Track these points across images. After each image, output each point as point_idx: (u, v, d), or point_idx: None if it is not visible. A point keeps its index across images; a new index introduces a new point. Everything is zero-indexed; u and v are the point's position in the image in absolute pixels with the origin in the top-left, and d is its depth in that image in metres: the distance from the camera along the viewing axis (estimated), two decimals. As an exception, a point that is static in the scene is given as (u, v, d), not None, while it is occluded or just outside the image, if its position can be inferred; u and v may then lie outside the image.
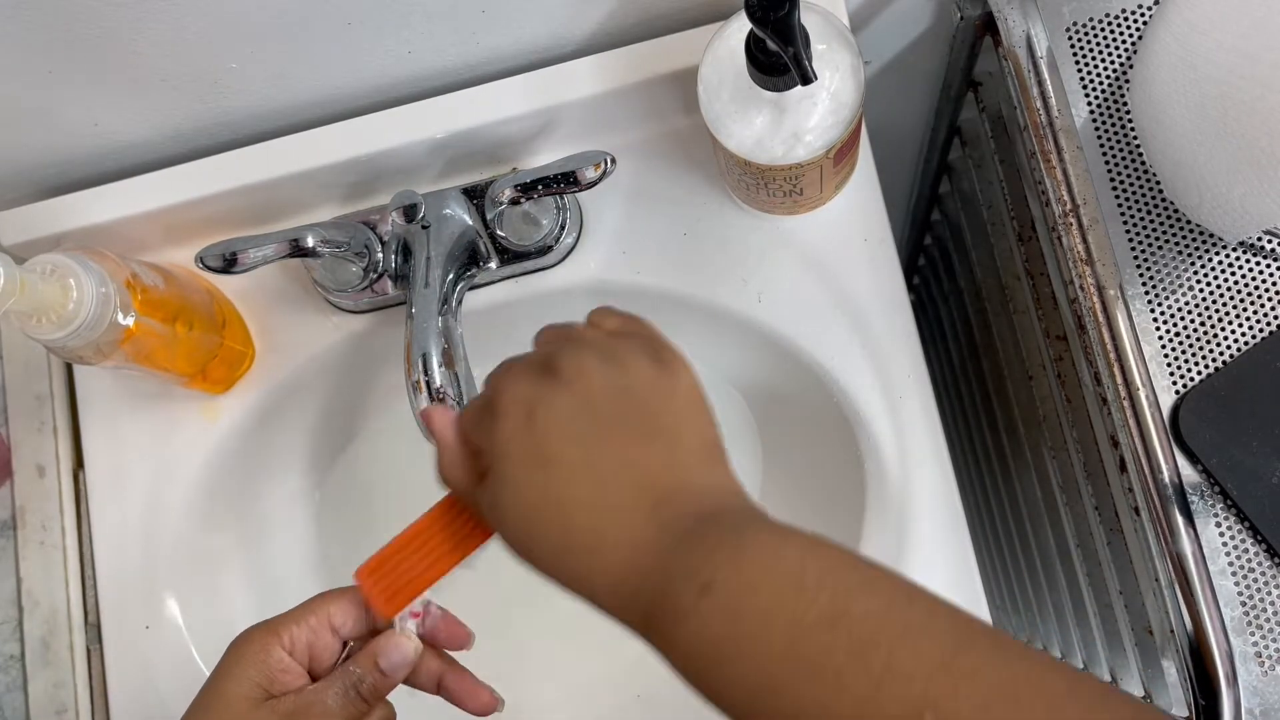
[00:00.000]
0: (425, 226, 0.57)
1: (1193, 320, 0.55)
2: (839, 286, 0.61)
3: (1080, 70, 0.58)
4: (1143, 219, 0.56)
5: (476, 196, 0.59)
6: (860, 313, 0.60)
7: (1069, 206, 0.54)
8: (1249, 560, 0.53)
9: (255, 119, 0.59)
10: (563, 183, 0.53)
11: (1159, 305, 0.55)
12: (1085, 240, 0.53)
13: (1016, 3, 0.56)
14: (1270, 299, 0.55)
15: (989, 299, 0.78)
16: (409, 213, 0.55)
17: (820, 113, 0.51)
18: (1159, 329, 0.55)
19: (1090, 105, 0.57)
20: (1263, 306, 0.55)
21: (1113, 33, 0.58)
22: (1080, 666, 0.74)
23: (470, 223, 0.58)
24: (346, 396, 0.68)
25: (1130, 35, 0.58)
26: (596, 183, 0.53)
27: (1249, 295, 0.55)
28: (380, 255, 0.59)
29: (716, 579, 0.33)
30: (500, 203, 0.55)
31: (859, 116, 0.52)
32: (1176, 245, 0.56)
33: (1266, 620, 0.52)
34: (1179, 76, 0.50)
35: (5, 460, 0.64)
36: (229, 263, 0.54)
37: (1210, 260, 0.56)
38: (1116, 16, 0.58)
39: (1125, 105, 0.57)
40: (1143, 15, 0.58)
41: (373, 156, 0.59)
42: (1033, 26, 0.55)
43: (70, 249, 0.51)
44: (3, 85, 0.52)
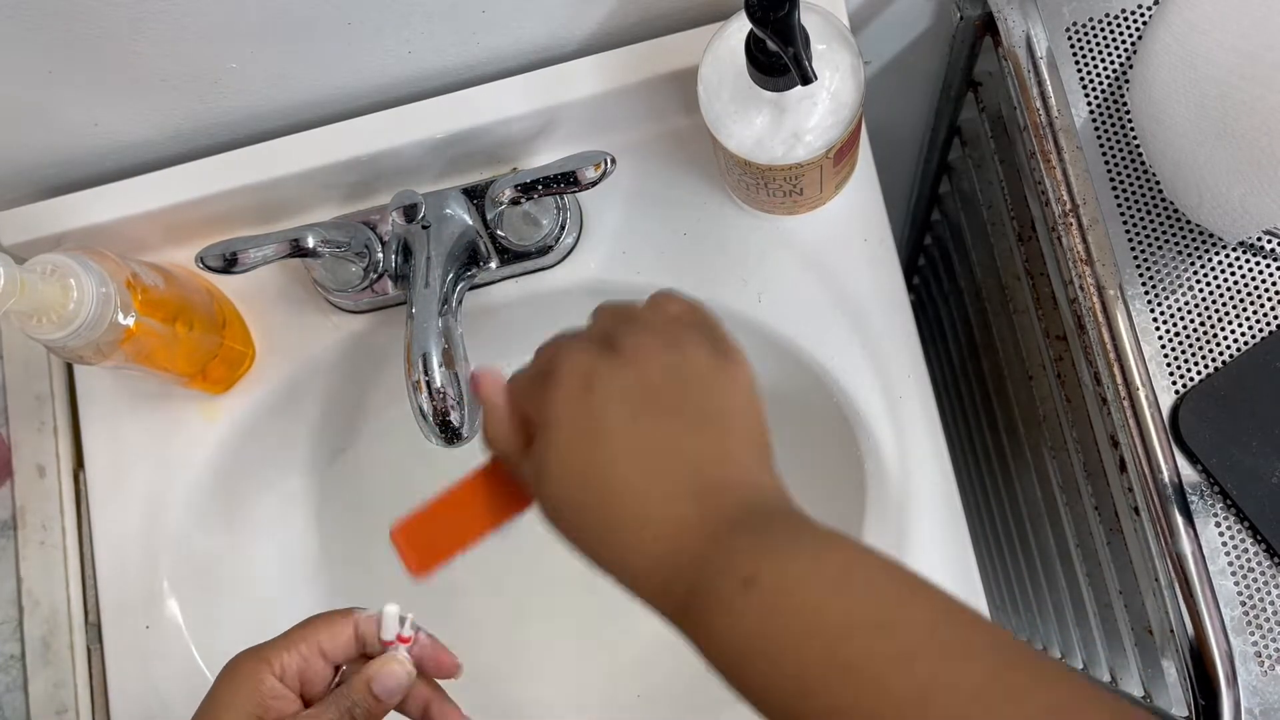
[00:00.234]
0: (425, 226, 0.57)
1: (1192, 320, 0.55)
2: (839, 286, 0.61)
3: (1080, 70, 0.58)
4: (1143, 219, 0.56)
5: (476, 196, 0.59)
6: (860, 313, 0.60)
7: (1069, 206, 0.54)
8: (1249, 560, 0.53)
9: (255, 119, 0.59)
10: (563, 183, 0.53)
11: (1159, 305, 0.55)
12: (1085, 240, 0.53)
13: (1016, 3, 0.56)
14: (1270, 299, 0.55)
15: (989, 299, 0.78)
16: (409, 213, 0.55)
17: (820, 113, 0.51)
18: (1159, 329, 0.55)
19: (1090, 105, 0.57)
20: (1263, 306, 0.55)
21: (1113, 33, 0.58)
22: (1080, 666, 0.74)
23: (470, 223, 0.58)
24: (347, 396, 0.68)
25: (1130, 35, 0.58)
26: (597, 183, 0.53)
27: (1249, 295, 0.55)
28: (380, 255, 0.59)
29: (761, 573, 0.33)
30: (500, 203, 0.55)
31: (859, 116, 0.52)
32: (1176, 245, 0.56)
33: (1266, 620, 0.52)
34: (1179, 76, 0.50)
35: (5, 460, 0.64)
36: (229, 263, 0.54)
37: (1210, 260, 0.56)
38: (1116, 16, 0.58)
39: (1125, 105, 0.57)
40: (1143, 15, 0.58)
41: (373, 156, 0.59)
42: (1033, 26, 0.55)
43: (70, 249, 0.51)
44: (3, 85, 0.52)
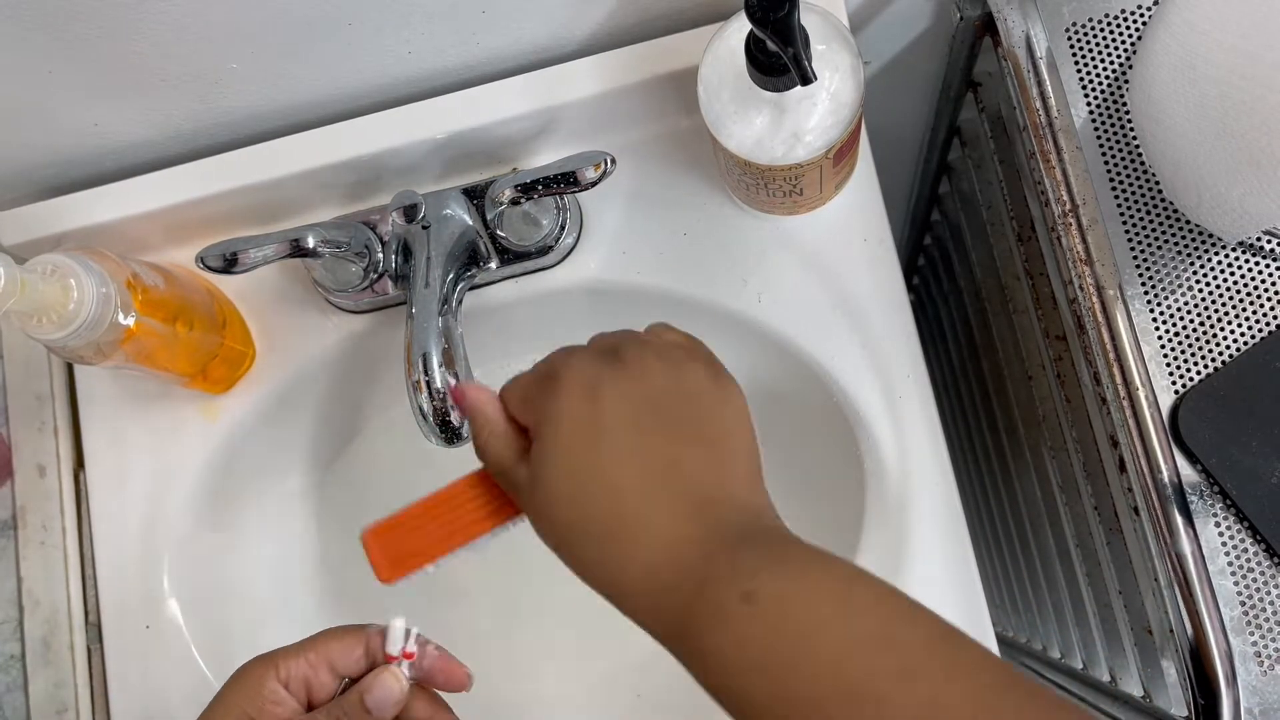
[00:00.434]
0: (425, 226, 0.57)
1: (1192, 320, 0.55)
2: (839, 286, 0.61)
3: (1080, 70, 0.58)
4: (1142, 219, 0.56)
5: (476, 196, 0.59)
6: (860, 313, 0.60)
7: (1068, 206, 0.54)
8: (1248, 560, 0.53)
9: (255, 119, 0.59)
10: (563, 183, 0.53)
11: (1158, 305, 0.55)
12: (1085, 240, 0.53)
13: (1016, 3, 0.56)
14: (1270, 299, 0.55)
15: (989, 299, 0.78)
16: (409, 213, 0.55)
17: (820, 113, 0.51)
18: (1158, 329, 0.55)
19: (1090, 105, 0.58)
20: (1262, 306, 0.55)
21: (1113, 33, 0.58)
22: (1080, 666, 0.74)
23: (470, 223, 0.58)
24: (346, 396, 0.68)
25: (1130, 35, 0.58)
26: (596, 183, 0.53)
27: (1248, 295, 0.55)
28: (380, 255, 0.59)
29: (761, 587, 0.33)
30: (500, 203, 0.55)
31: (859, 116, 0.52)
32: (1176, 245, 0.56)
33: (1266, 620, 0.52)
34: (1179, 76, 0.50)
35: (5, 460, 0.64)
36: (229, 263, 0.54)
37: (1210, 260, 0.56)
38: (1116, 16, 0.58)
39: (1125, 105, 0.57)
40: (1143, 15, 0.58)
41: (373, 156, 0.59)
42: (1032, 27, 0.55)
43: (70, 249, 0.51)
44: (3, 85, 0.52)
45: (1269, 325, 0.55)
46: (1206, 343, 0.55)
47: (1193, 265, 0.56)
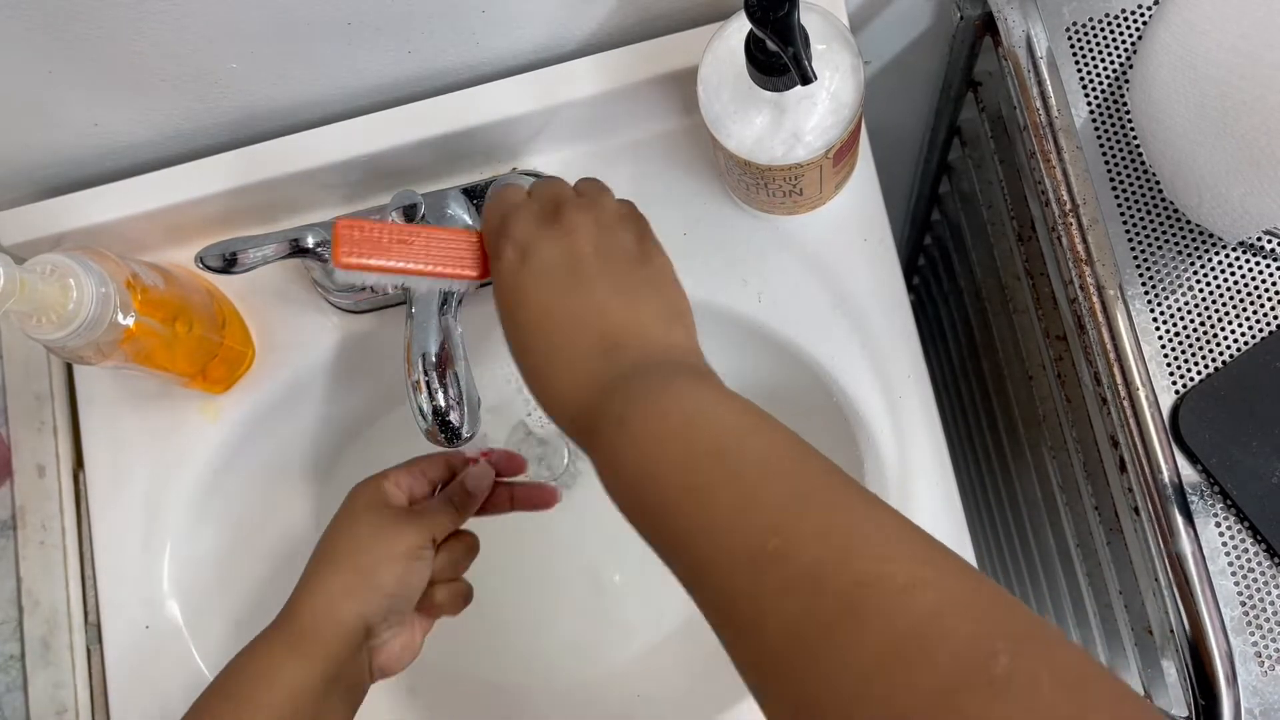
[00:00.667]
0: (425, 226, 0.56)
1: (1192, 320, 0.55)
2: (839, 286, 0.61)
3: (1080, 70, 0.58)
4: (1142, 219, 0.56)
5: (476, 196, 0.59)
6: (860, 313, 0.60)
7: (1068, 206, 0.54)
8: (1248, 560, 0.53)
9: (255, 119, 0.59)
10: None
11: (1159, 305, 0.55)
12: (1085, 240, 0.53)
13: (1016, 3, 0.56)
14: (1270, 299, 0.55)
15: (989, 299, 0.78)
16: (409, 212, 0.55)
17: (820, 113, 0.51)
18: (1159, 329, 0.55)
19: (1090, 105, 0.57)
20: (1262, 306, 0.55)
21: (1113, 33, 0.58)
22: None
23: (470, 222, 0.58)
24: (346, 396, 0.68)
25: (1130, 35, 0.58)
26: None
27: (1249, 295, 0.55)
28: (380, 255, 0.59)
29: (629, 412, 0.40)
30: (500, 203, 0.55)
31: (859, 116, 0.52)
32: (1176, 245, 0.56)
33: (1266, 620, 0.52)
34: (1179, 76, 0.50)
35: (5, 460, 0.64)
36: (229, 263, 0.54)
37: (1210, 260, 0.56)
38: (1116, 16, 0.58)
39: (1125, 105, 0.57)
40: (1143, 15, 0.58)
41: (373, 156, 0.59)
42: (1033, 26, 0.55)
43: (70, 249, 0.51)
44: (3, 85, 0.52)
45: (1269, 325, 0.55)
46: (1207, 343, 0.55)
47: (1193, 265, 0.56)
